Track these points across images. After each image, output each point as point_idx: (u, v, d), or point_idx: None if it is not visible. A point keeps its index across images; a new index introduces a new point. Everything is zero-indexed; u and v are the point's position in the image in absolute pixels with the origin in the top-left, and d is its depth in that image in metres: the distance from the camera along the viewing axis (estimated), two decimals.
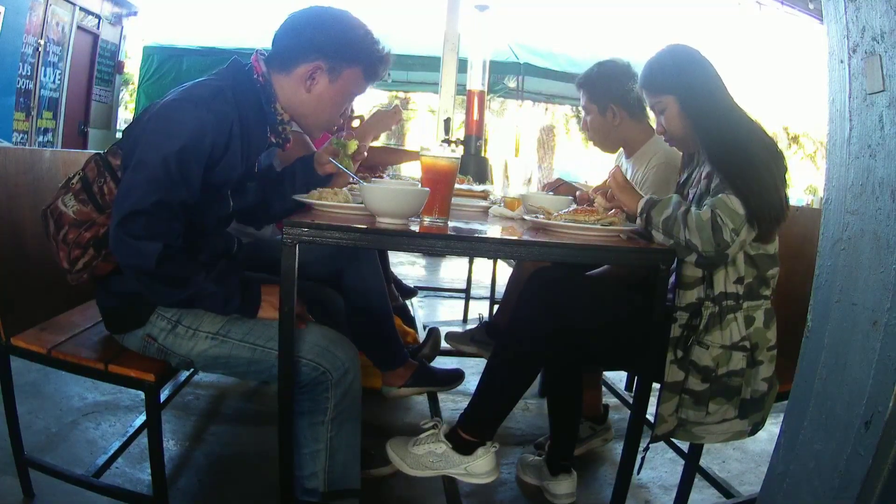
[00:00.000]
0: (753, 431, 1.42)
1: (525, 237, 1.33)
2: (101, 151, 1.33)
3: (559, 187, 1.95)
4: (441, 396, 2.23)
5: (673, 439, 1.60)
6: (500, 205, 1.78)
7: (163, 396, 2.05)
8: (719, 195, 1.32)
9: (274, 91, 1.33)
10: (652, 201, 1.37)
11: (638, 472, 1.47)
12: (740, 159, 1.35)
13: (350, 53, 1.34)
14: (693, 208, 1.33)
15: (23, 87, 6.49)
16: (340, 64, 1.33)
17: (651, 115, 1.71)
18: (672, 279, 1.42)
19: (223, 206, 1.37)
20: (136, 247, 1.19)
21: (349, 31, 1.34)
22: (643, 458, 1.48)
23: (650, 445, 1.45)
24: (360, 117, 2.26)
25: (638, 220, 1.38)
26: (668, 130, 1.53)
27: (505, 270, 2.98)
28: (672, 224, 1.31)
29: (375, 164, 2.33)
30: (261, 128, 1.36)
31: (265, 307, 1.32)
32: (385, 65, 1.39)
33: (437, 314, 4.00)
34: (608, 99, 1.93)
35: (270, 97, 1.33)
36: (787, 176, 1.41)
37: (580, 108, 2.05)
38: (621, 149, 2.08)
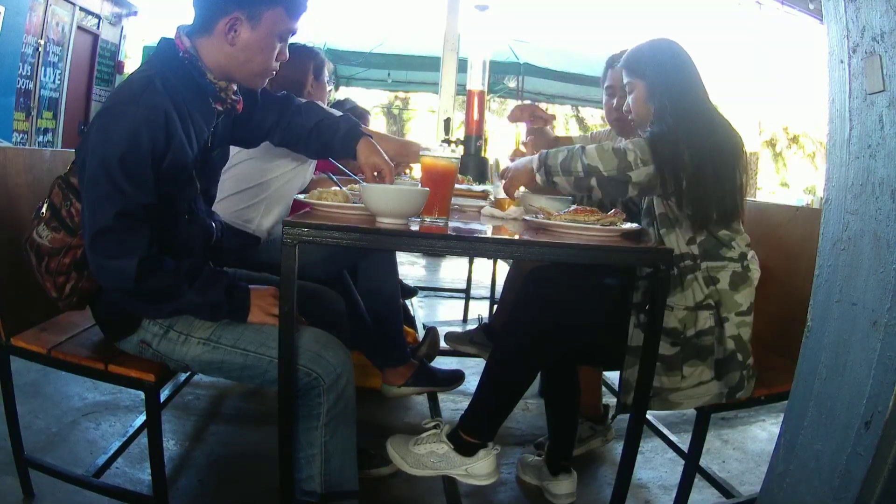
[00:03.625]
0: (731, 395, 1.42)
1: (525, 237, 1.33)
2: (64, 175, 1.33)
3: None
4: (441, 396, 2.23)
5: (652, 412, 1.58)
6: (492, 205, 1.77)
7: (163, 396, 2.05)
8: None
9: (201, 62, 1.29)
10: (545, 153, 1.43)
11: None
12: (682, 153, 1.38)
13: None
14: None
15: (23, 87, 6.49)
16: (258, 9, 1.27)
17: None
18: None
19: (191, 189, 1.34)
20: (112, 267, 1.20)
21: None
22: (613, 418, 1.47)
23: (618, 416, 1.44)
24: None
25: (538, 177, 1.44)
26: (634, 112, 1.58)
27: (505, 270, 2.99)
28: (570, 160, 1.38)
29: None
30: (203, 102, 1.32)
31: (255, 312, 1.32)
32: None
33: (437, 314, 4.01)
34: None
35: (200, 70, 1.29)
36: (742, 178, 1.44)
37: (622, 90, 1.96)
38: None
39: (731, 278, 1.39)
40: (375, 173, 1.49)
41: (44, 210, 1.31)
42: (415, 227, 1.29)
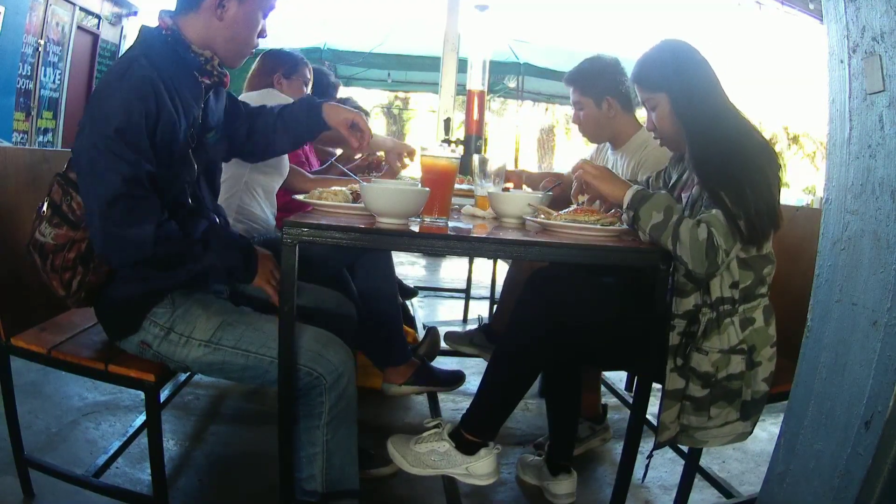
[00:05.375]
0: (752, 431, 1.42)
1: (524, 237, 1.33)
2: (62, 171, 1.32)
3: (556, 186, 1.94)
4: (441, 396, 2.23)
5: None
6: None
7: (163, 396, 2.05)
8: (714, 211, 1.29)
9: (184, 36, 1.31)
10: (641, 195, 1.32)
11: (643, 480, 1.46)
12: (730, 165, 1.32)
13: None
14: (687, 220, 1.28)
15: (23, 87, 6.49)
16: None
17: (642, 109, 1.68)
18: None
19: (188, 170, 1.35)
20: (127, 236, 1.19)
21: None
22: (647, 465, 1.48)
23: (654, 452, 1.44)
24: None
25: (624, 216, 1.35)
26: (659, 128, 1.50)
27: (505, 270, 3.00)
28: (661, 233, 1.27)
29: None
30: (189, 77, 1.33)
31: (260, 275, 1.34)
32: None
33: (437, 314, 4.00)
34: (604, 92, 1.96)
35: (183, 45, 1.31)
36: (781, 179, 1.37)
37: (572, 104, 2.05)
38: (607, 144, 2.10)
39: (763, 314, 1.38)
40: (351, 127, 1.51)
41: (44, 209, 1.31)
42: (415, 227, 1.29)
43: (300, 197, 1.52)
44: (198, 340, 1.32)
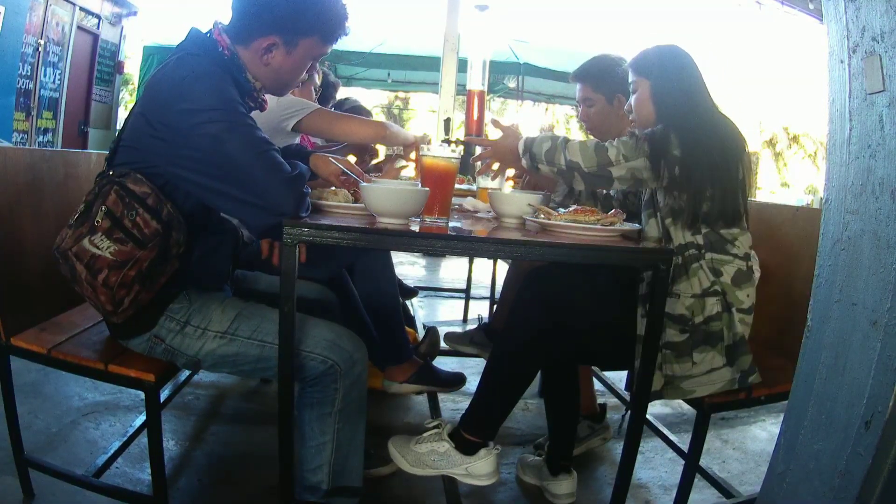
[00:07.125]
0: (744, 379, 1.41)
1: (524, 237, 1.32)
2: (117, 178, 1.23)
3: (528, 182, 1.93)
4: (441, 397, 2.23)
5: (664, 400, 1.56)
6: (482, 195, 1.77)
7: (163, 396, 2.05)
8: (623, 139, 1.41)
9: (242, 62, 1.32)
10: (531, 138, 1.46)
11: (618, 431, 1.42)
12: (675, 152, 1.39)
13: (305, 26, 1.31)
14: (573, 137, 1.43)
15: (23, 87, 6.49)
16: (296, 37, 1.31)
17: None
18: None
19: None
20: (292, 175, 1.22)
21: (300, 3, 1.29)
22: (620, 425, 1.47)
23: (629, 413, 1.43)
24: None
25: (523, 161, 1.47)
26: (636, 112, 1.58)
27: (505, 270, 3.00)
28: (554, 152, 1.41)
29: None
30: (239, 95, 1.33)
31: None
32: (343, 25, 1.36)
33: (437, 314, 4.01)
34: (616, 89, 1.95)
35: (241, 68, 1.31)
36: (748, 169, 1.46)
37: (578, 102, 2.06)
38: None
39: (734, 274, 1.40)
40: (343, 178, 1.50)
41: (98, 219, 1.21)
42: (415, 227, 1.29)
43: None
44: (214, 332, 1.32)
